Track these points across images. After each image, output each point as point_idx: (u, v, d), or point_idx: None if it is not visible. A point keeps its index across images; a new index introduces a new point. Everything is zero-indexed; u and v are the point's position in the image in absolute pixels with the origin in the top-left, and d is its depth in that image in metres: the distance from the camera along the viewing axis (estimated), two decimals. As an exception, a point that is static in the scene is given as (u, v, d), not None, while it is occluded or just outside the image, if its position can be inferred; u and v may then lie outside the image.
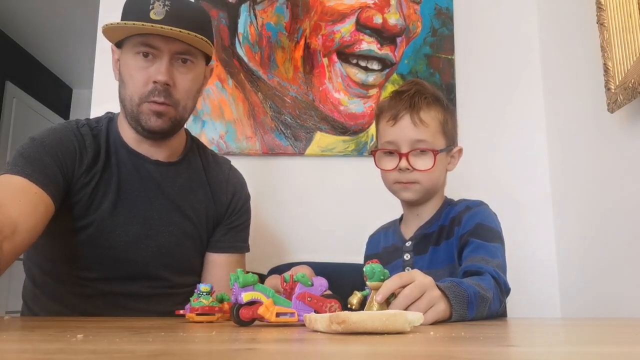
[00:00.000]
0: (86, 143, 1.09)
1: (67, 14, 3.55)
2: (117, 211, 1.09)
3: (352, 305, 0.77)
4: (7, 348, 0.41)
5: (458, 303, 0.79)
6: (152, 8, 1.03)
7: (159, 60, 1.05)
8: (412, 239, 1.13)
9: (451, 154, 1.14)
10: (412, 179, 1.07)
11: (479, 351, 0.41)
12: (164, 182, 1.15)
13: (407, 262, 1.11)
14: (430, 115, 1.08)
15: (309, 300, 0.69)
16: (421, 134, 1.06)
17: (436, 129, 1.08)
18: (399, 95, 1.11)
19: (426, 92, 1.11)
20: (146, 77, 1.06)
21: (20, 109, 3.92)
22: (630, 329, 0.70)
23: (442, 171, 1.12)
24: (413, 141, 1.06)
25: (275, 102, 1.78)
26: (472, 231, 1.03)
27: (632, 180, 1.26)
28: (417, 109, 1.07)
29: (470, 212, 1.07)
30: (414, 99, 1.08)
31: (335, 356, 0.38)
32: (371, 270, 0.74)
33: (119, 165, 1.11)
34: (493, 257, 0.98)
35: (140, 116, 1.07)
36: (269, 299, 0.66)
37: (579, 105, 1.53)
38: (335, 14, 1.82)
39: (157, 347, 0.44)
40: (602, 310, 1.39)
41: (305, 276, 0.70)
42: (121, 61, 1.10)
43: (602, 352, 0.42)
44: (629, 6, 1.21)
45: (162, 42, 1.04)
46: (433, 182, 1.10)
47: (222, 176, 1.24)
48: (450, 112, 1.15)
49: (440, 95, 1.15)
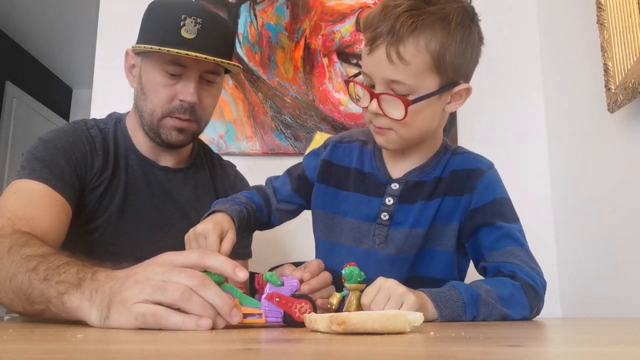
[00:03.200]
0: (96, 145, 1.07)
1: (67, 14, 3.55)
2: (124, 216, 1.07)
3: (332, 305, 0.78)
4: (7, 348, 0.41)
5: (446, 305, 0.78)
6: (183, 25, 1.00)
7: (187, 79, 1.03)
8: (401, 182, 0.93)
9: (453, 93, 0.87)
10: (384, 124, 0.86)
11: (479, 351, 0.41)
12: (171, 188, 1.14)
13: (388, 207, 0.93)
14: (416, 48, 0.80)
15: (278, 301, 0.66)
16: (398, 74, 0.81)
17: (423, 66, 0.81)
18: (386, 9, 0.82)
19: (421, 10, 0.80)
20: (172, 94, 1.03)
21: (20, 109, 3.92)
22: (630, 329, 0.70)
23: (429, 118, 0.87)
24: (387, 81, 0.82)
25: (275, 102, 1.78)
26: (492, 209, 0.90)
27: (632, 180, 1.25)
28: (397, 39, 0.79)
29: (485, 178, 0.91)
30: (397, 24, 0.79)
31: (335, 356, 0.38)
32: (350, 273, 0.76)
33: (127, 170, 1.10)
34: (521, 246, 0.89)
35: (160, 130, 1.06)
36: (235, 299, 0.63)
37: (579, 106, 1.53)
38: (335, 14, 1.82)
39: (157, 347, 0.44)
40: (602, 310, 1.39)
41: (274, 275, 0.67)
42: (143, 72, 1.06)
43: (602, 352, 0.42)
44: (629, 6, 1.21)
45: (193, 62, 1.01)
46: (413, 132, 0.87)
47: (228, 182, 1.23)
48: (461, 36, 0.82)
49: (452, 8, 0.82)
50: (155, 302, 0.57)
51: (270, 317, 0.66)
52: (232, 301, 0.60)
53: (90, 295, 0.61)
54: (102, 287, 0.60)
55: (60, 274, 0.65)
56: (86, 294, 0.61)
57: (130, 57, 1.10)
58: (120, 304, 0.57)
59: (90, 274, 0.64)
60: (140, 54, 1.08)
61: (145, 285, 0.58)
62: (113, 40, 1.80)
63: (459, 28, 0.82)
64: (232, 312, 0.58)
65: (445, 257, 0.94)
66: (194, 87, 1.03)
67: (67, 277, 0.64)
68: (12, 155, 3.77)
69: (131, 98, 1.14)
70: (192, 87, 1.03)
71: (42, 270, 0.68)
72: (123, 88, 1.78)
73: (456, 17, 0.82)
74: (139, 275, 0.59)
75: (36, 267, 0.69)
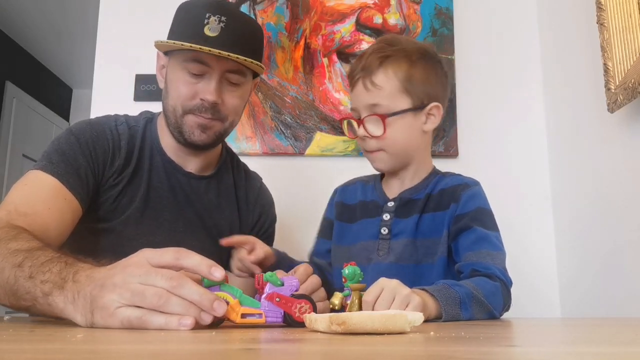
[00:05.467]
0: (121, 143, 1.06)
1: (67, 14, 3.55)
2: (143, 219, 1.06)
3: (335, 305, 0.79)
4: (7, 348, 0.41)
5: (448, 303, 0.81)
6: (207, 23, 0.99)
7: (209, 78, 1.01)
8: (396, 200, 1.07)
9: (426, 112, 1.03)
10: (374, 147, 1.02)
11: (479, 351, 0.41)
12: (193, 195, 1.12)
13: (386, 222, 1.05)
14: (386, 76, 0.99)
15: (278, 301, 0.66)
16: (374, 98, 0.99)
17: (394, 89, 0.99)
18: (359, 57, 1.04)
19: (385, 50, 1.01)
20: (193, 92, 1.02)
21: (20, 109, 3.91)
22: (630, 329, 0.70)
23: (408, 134, 1.02)
24: (368, 106, 1.00)
25: (275, 102, 1.78)
26: (473, 215, 0.99)
27: (632, 180, 1.26)
28: (370, 72, 1.00)
29: (470, 190, 1.02)
30: (368, 61, 1.00)
31: (335, 356, 0.38)
32: (352, 273, 0.78)
33: (151, 171, 1.09)
34: (497, 250, 0.97)
35: (183, 127, 1.04)
36: (235, 299, 0.63)
37: (579, 105, 1.53)
38: (335, 14, 1.82)
39: (157, 347, 0.44)
40: (602, 310, 1.39)
41: (274, 275, 0.68)
42: (169, 71, 1.06)
43: (602, 352, 0.42)
44: (629, 6, 1.21)
45: (214, 61, 1.00)
46: (398, 148, 1.03)
47: (252, 195, 1.21)
48: (422, 66, 1.02)
49: (413, 48, 1.03)
50: (134, 307, 0.58)
51: (270, 317, 0.66)
52: (212, 295, 0.60)
53: (74, 299, 0.62)
54: (84, 290, 0.61)
55: (45, 272, 0.66)
56: (69, 297, 0.62)
57: (161, 58, 1.09)
58: (103, 309, 0.59)
59: (72, 274, 0.65)
60: (168, 54, 1.07)
61: (124, 290, 0.59)
62: (113, 40, 1.80)
63: (420, 61, 1.02)
64: (214, 305, 0.59)
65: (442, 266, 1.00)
66: (214, 86, 1.01)
67: (51, 276, 0.66)
68: (12, 155, 3.77)
69: (131, 98, 1.14)
70: (212, 86, 1.01)
71: (27, 267, 0.69)
72: (123, 88, 1.79)
73: (416, 53, 1.02)
74: (117, 278, 0.60)
75: (22, 262, 0.70)
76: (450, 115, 1.73)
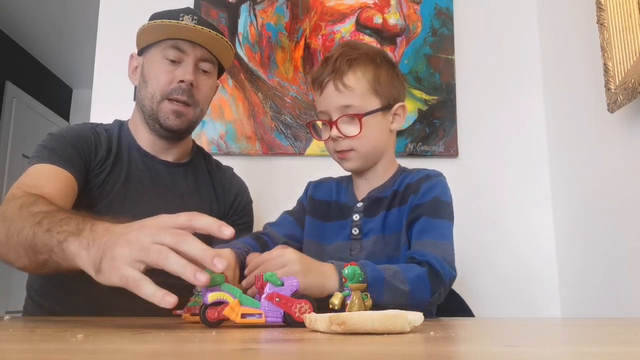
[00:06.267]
0: (101, 139, 1.16)
1: (67, 14, 3.55)
2: (126, 202, 1.13)
3: (335, 305, 0.79)
4: (7, 348, 0.41)
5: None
6: (181, 19, 1.13)
7: (185, 63, 1.14)
8: (364, 200, 1.10)
9: (393, 112, 1.08)
10: (346, 146, 1.04)
11: (479, 351, 0.41)
12: (172, 180, 1.21)
13: (356, 222, 1.08)
14: (355, 77, 1.03)
15: (278, 301, 0.66)
16: (347, 99, 1.02)
17: (365, 90, 1.03)
18: (325, 62, 1.07)
19: (351, 53, 1.05)
20: (171, 78, 1.14)
21: (20, 109, 3.91)
22: (630, 329, 0.70)
23: (379, 133, 1.06)
24: (340, 107, 1.03)
25: (275, 102, 1.78)
26: (428, 205, 1.01)
27: (632, 180, 1.26)
28: (340, 74, 1.02)
29: (430, 181, 1.05)
30: (336, 64, 1.03)
31: (335, 356, 0.38)
32: (352, 273, 0.78)
33: (130, 162, 1.17)
34: (442, 240, 0.98)
35: (159, 114, 1.14)
36: (235, 299, 0.63)
37: (579, 105, 1.53)
38: (335, 14, 1.82)
39: (157, 347, 0.44)
40: (602, 310, 1.39)
41: (274, 276, 0.68)
42: (145, 64, 1.18)
43: (602, 352, 0.42)
44: (629, 6, 1.21)
45: (190, 47, 1.14)
46: (369, 147, 1.05)
47: (226, 180, 1.30)
48: (386, 68, 1.07)
49: (374, 52, 1.08)
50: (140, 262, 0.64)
51: (270, 317, 0.66)
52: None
53: (88, 246, 0.68)
54: (99, 240, 0.67)
55: (62, 225, 0.74)
56: (84, 243, 0.69)
57: (134, 59, 1.22)
58: (111, 260, 0.64)
59: (90, 225, 0.71)
60: (143, 53, 1.19)
61: (135, 245, 0.64)
62: (113, 40, 1.80)
63: (384, 63, 1.07)
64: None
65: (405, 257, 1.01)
66: (191, 68, 1.14)
67: (68, 227, 0.73)
68: (12, 155, 3.77)
69: (131, 98, 1.15)
70: (190, 68, 1.14)
71: (46, 223, 0.76)
72: (123, 88, 1.78)
73: (379, 56, 1.07)
74: (131, 235, 0.65)
75: (41, 220, 0.77)
76: (450, 115, 1.74)
